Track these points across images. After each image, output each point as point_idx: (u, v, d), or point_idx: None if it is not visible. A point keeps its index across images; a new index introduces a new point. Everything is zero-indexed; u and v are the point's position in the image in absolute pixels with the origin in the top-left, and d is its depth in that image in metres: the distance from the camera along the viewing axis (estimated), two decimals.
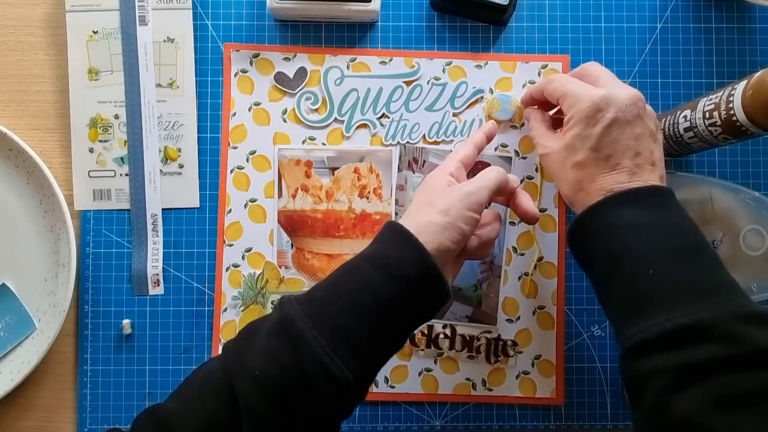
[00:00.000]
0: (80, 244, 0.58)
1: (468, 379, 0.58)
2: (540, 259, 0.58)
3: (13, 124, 0.58)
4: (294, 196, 0.58)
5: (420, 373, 0.58)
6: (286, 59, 0.58)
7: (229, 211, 0.58)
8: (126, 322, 0.57)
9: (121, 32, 0.57)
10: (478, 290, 0.58)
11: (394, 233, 0.43)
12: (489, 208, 0.51)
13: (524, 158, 0.58)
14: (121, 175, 0.58)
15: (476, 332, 0.57)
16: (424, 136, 0.58)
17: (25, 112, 0.58)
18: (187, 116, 0.58)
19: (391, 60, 0.58)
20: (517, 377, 0.58)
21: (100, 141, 0.58)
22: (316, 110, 0.58)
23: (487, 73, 0.58)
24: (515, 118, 0.58)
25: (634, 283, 0.41)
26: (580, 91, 0.46)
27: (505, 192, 0.50)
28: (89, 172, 0.58)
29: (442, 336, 0.57)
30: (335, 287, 0.41)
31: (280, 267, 0.58)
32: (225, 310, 0.58)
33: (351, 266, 0.42)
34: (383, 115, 0.58)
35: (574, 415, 0.58)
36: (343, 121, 0.58)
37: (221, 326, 0.58)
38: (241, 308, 0.58)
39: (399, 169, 0.58)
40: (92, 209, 0.58)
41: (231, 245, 0.58)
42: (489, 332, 0.58)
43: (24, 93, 0.58)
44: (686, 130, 0.51)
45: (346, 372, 0.38)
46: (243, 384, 0.37)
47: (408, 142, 0.58)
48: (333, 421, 0.40)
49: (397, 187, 0.58)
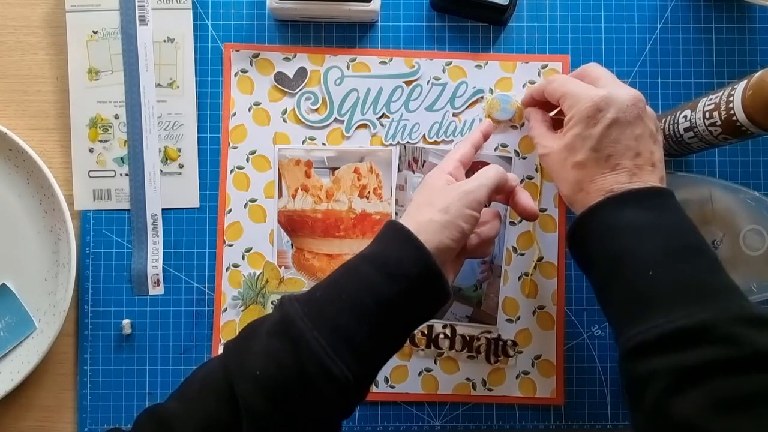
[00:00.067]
0: (80, 244, 0.58)
1: (468, 379, 0.58)
2: (540, 259, 0.58)
3: (13, 124, 0.58)
4: (294, 196, 0.58)
5: (420, 373, 0.58)
6: (286, 59, 0.58)
7: (229, 211, 0.58)
8: (126, 322, 0.57)
9: (121, 32, 0.57)
10: (478, 290, 0.58)
11: (395, 232, 0.43)
12: (489, 207, 0.51)
13: (524, 158, 0.58)
14: (121, 175, 0.58)
15: (476, 332, 0.57)
16: (424, 136, 0.58)
17: (25, 112, 0.58)
18: (187, 116, 0.58)
19: (391, 60, 0.58)
20: (517, 377, 0.58)
21: (100, 141, 0.58)
22: (316, 110, 0.58)
23: (487, 73, 0.58)
24: (515, 118, 0.58)
25: (634, 284, 0.40)
26: (581, 91, 0.46)
27: (504, 190, 0.50)
28: (89, 172, 0.58)
29: (442, 336, 0.57)
30: (335, 287, 0.41)
31: (280, 267, 0.58)
32: (225, 310, 0.58)
33: (351, 266, 0.42)
34: (383, 115, 0.58)
35: (574, 415, 0.58)
36: (343, 121, 0.58)
37: (221, 326, 0.58)
38: (241, 308, 0.58)
39: (399, 169, 0.58)
40: (92, 209, 0.58)
41: (231, 245, 0.58)
42: (489, 332, 0.58)
43: (24, 93, 0.58)
44: (686, 130, 0.51)
45: (346, 372, 0.38)
46: (243, 384, 0.37)
47: (408, 142, 0.58)
48: (333, 420, 0.40)
49: (397, 187, 0.58)
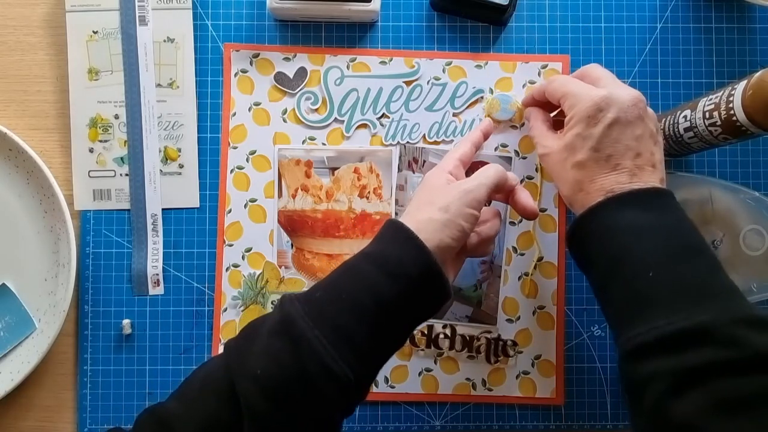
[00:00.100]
0: (80, 244, 0.58)
1: (468, 379, 0.58)
2: (540, 259, 0.58)
3: (13, 124, 0.58)
4: (294, 196, 0.58)
5: (420, 373, 0.58)
6: (286, 59, 0.58)
7: (229, 211, 0.58)
8: (126, 322, 0.57)
9: (121, 32, 0.57)
10: (478, 290, 0.58)
11: (395, 231, 0.43)
12: (488, 206, 0.51)
13: (524, 158, 0.58)
14: (121, 175, 0.58)
15: (476, 332, 0.57)
16: (424, 136, 0.58)
17: (25, 112, 0.58)
18: (187, 116, 0.58)
19: (391, 60, 0.58)
20: (517, 377, 0.58)
21: (100, 141, 0.58)
22: (316, 110, 0.58)
23: (487, 73, 0.58)
24: (515, 118, 0.58)
25: (633, 284, 0.40)
26: (582, 91, 0.46)
27: (504, 189, 0.50)
28: (89, 172, 0.58)
29: (442, 336, 0.57)
30: (336, 287, 0.41)
31: (280, 267, 0.58)
32: (225, 310, 0.58)
33: (351, 265, 0.42)
34: (383, 115, 0.58)
35: (574, 415, 0.58)
36: (343, 121, 0.58)
37: (221, 326, 0.58)
38: (241, 308, 0.58)
39: (399, 169, 0.58)
40: (92, 209, 0.58)
41: (231, 245, 0.58)
42: (489, 332, 0.58)
43: (24, 93, 0.58)
44: (686, 130, 0.51)
45: (347, 371, 0.38)
46: (244, 384, 0.37)
47: (408, 142, 0.58)
48: (334, 420, 0.40)
49: (397, 187, 0.58)
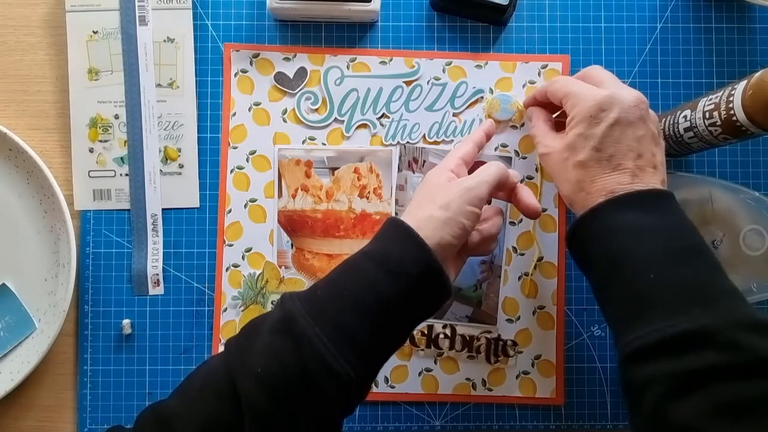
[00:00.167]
0: (80, 244, 0.58)
1: (468, 379, 0.58)
2: (540, 259, 0.58)
3: (13, 124, 0.58)
4: (294, 196, 0.58)
5: (420, 373, 0.58)
6: (286, 59, 0.58)
7: (229, 211, 0.58)
8: (126, 322, 0.57)
9: (121, 32, 0.57)
10: (478, 290, 0.58)
11: (396, 229, 0.43)
12: (490, 205, 0.51)
13: (524, 158, 0.58)
14: (121, 175, 0.58)
15: (476, 332, 0.57)
16: (424, 136, 0.58)
17: (25, 112, 0.58)
18: (187, 116, 0.58)
19: (391, 60, 0.58)
20: (517, 377, 0.58)
21: (100, 141, 0.58)
22: (316, 110, 0.58)
23: (487, 73, 0.58)
24: (515, 118, 0.58)
25: (634, 285, 0.40)
26: (584, 91, 0.46)
27: (505, 187, 0.50)
28: (89, 172, 0.58)
29: (442, 336, 0.57)
30: (336, 285, 0.41)
31: (280, 267, 0.58)
32: (225, 310, 0.58)
33: (352, 263, 0.42)
34: (383, 115, 0.58)
35: (574, 415, 0.58)
36: (343, 121, 0.58)
37: (221, 326, 0.58)
38: (241, 308, 0.58)
39: (399, 169, 0.58)
40: (92, 209, 0.58)
41: (231, 245, 0.58)
42: (489, 332, 0.58)
43: (24, 93, 0.58)
44: (686, 130, 0.51)
45: (348, 369, 0.38)
46: (245, 382, 0.37)
47: (408, 142, 0.58)
48: (335, 418, 0.40)
49: (397, 187, 0.58)
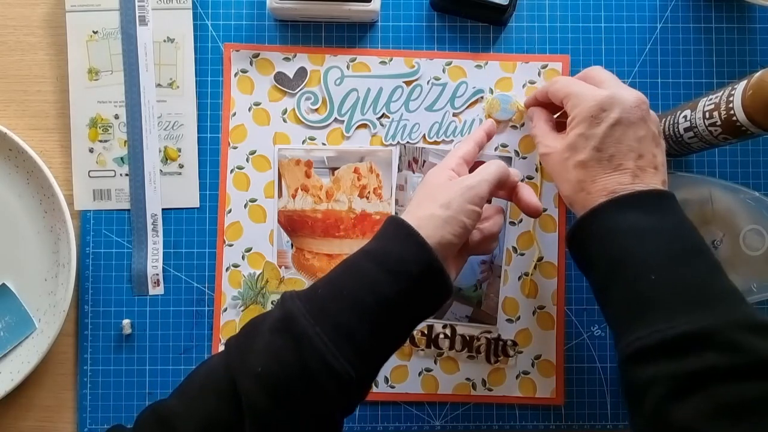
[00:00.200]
0: (80, 244, 0.58)
1: (468, 379, 0.58)
2: (540, 259, 0.58)
3: (13, 124, 0.58)
4: (294, 196, 0.58)
5: (420, 373, 0.58)
6: (286, 59, 0.58)
7: (229, 211, 0.58)
8: (126, 322, 0.57)
9: (121, 32, 0.57)
10: (478, 290, 0.58)
11: (396, 228, 0.43)
12: (490, 204, 0.51)
13: (524, 158, 0.58)
14: (121, 175, 0.58)
15: (476, 332, 0.57)
16: (424, 136, 0.58)
17: (25, 112, 0.58)
18: (187, 116, 0.58)
19: (391, 60, 0.58)
20: (517, 377, 0.58)
21: (100, 141, 0.58)
22: (316, 110, 0.58)
23: (487, 73, 0.58)
24: (515, 118, 0.58)
25: (634, 286, 0.40)
26: (585, 91, 0.46)
27: (506, 186, 0.49)
28: (89, 172, 0.58)
29: (442, 336, 0.57)
30: (337, 284, 0.41)
31: (280, 267, 0.58)
32: (225, 310, 0.58)
33: (352, 262, 0.42)
34: (383, 115, 0.58)
35: (574, 415, 0.58)
36: (343, 121, 0.58)
37: (221, 326, 0.58)
38: (241, 308, 0.58)
39: (399, 169, 0.58)
40: (92, 209, 0.58)
41: (231, 245, 0.58)
42: (489, 332, 0.58)
43: (24, 93, 0.58)
44: (686, 130, 0.51)
45: (349, 368, 0.38)
46: (245, 382, 0.37)
47: (408, 142, 0.58)
48: (335, 417, 0.40)
49: (397, 187, 0.58)
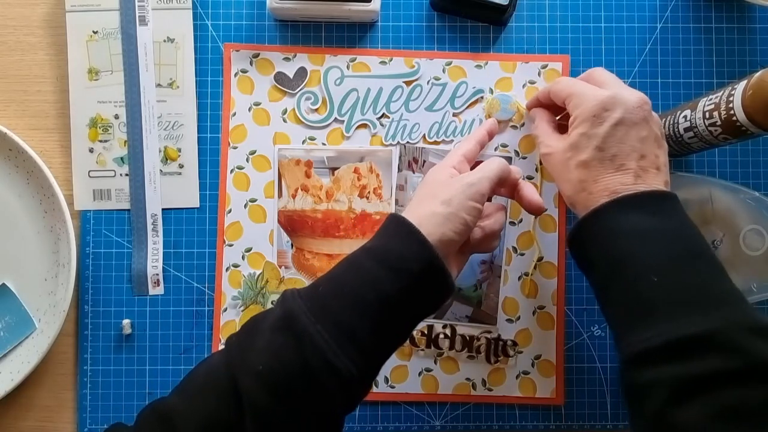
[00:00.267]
0: (80, 244, 0.58)
1: (468, 379, 0.58)
2: (540, 259, 0.58)
3: (13, 124, 0.58)
4: (294, 196, 0.58)
5: (420, 373, 0.58)
6: (286, 59, 0.58)
7: (229, 211, 0.58)
8: (126, 322, 0.57)
9: (121, 32, 0.57)
10: (478, 290, 0.58)
11: (397, 226, 0.43)
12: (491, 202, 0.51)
13: (524, 158, 0.58)
14: (121, 175, 0.58)
15: (476, 332, 0.57)
16: (424, 136, 0.58)
17: (25, 112, 0.58)
18: (187, 116, 0.58)
19: (391, 60, 0.58)
20: (517, 377, 0.58)
21: (100, 141, 0.58)
22: (316, 110, 0.58)
23: (487, 73, 0.58)
24: (515, 118, 0.58)
25: (636, 287, 0.40)
26: (587, 91, 0.46)
27: (507, 183, 0.49)
28: (89, 172, 0.58)
29: (442, 336, 0.57)
30: (338, 282, 0.41)
31: (280, 267, 0.58)
32: (225, 310, 0.58)
33: (353, 260, 0.42)
34: (383, 115, 0.58)
35: (574, 415, 0.58)
36: (343, 121, 0.58)
37: (221, 326, 0.58)
38: (241, 308, 0.58)
39: (399, 169, 0.58)
40: (92, 209, 0.58)
41: (231, 245, 0.58)
42: (489, 332, 0.58)
43: (24, 93, 0.58)
44: (686, 130, 0.51)
45: (350, 366, 0.38)
46: (246, 380, 0.37)
47: (408, 142, 0.58)
48: (336, 415, 0.40)
49: (397, 187, 0.58)
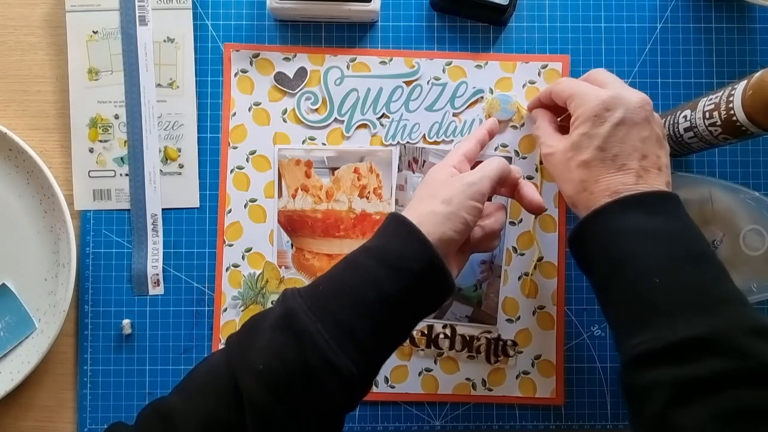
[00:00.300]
0: (80, 244, 0.58)
1: (468, 379, 0.58)
2: (540, 259, 0.58)
3: (13, 124, 0.58)
4: (294, 196, 0.58)
5: (420, 373, 0.58)
6: (286, 59, 0.58)
7: (229, 211, 0.58)
8: (126, 322, 0.57)
9: (121, 32, 0.57)
10: (478, 290, 0.58)
11: (397, 225, 0.43)
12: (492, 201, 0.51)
13: (524, 158, 0.58)
14: (121, 175, 0.58)
15: (476, 332, 0.57)
16: (424, 136, 0.58)
17: (25, 112, 0.58)
18: (187, 116, 0.58)
19: (391, 60, 0.58)
20: (517, 377, 0.58)
21: (100, 141, 0.58)
22: (316, 110, 0.58)
23: (487, 73, 0.58)
24: (515, 118, 0.58)
25: (637, 287, 0.40)
26: (589, 91, 0.46)
27: (507, 183, 0.49)
28: (89, 172, 0.58)
29: (442, 336, 0.57)
30: (338, 281, 0.41)
31: (280, 267, 0.58)
32: (225, 310, 0.58)
33: (353, 259, 0.42)
34: (383, 115, 0.58)
35: (574, 415, 0.58)
36: (343, 121, 0.58)
37: (221, 326, 0.58)
38: (241, 308, 0.58)
39: (399, 169, 0.58)
40: (92, 209, 0.58)
41: (231, 245, 0.58)
42: (489, 332, 0.58)
43: (24, 93, 0.58)
44: (686, 130, 0.51)
45: (350, 365, 0.38)
46: (247, 379, 0.37)
47: (408, 142, 0.58)
48: (336, 414, 0.40)
49: (397, 187, 0.58)
